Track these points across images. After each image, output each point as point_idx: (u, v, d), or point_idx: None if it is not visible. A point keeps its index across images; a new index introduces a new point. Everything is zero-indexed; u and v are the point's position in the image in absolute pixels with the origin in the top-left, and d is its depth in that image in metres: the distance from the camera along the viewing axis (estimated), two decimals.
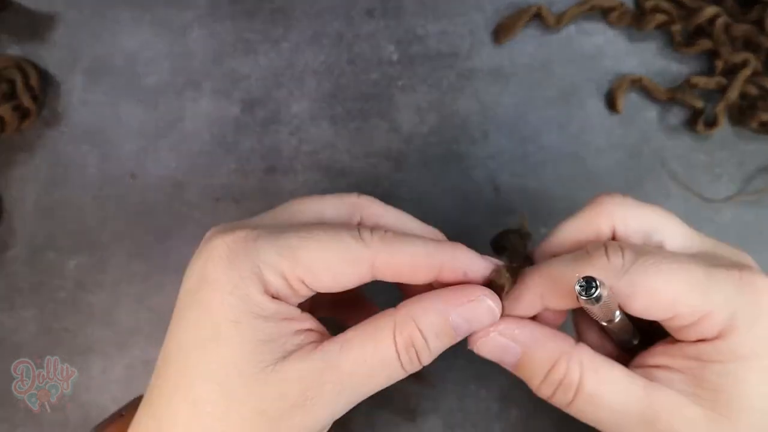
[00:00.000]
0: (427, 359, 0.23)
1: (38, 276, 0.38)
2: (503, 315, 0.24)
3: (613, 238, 0.25)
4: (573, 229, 0.25)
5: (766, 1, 0.39)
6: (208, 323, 0.21)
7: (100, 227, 0.39)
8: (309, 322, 0.23)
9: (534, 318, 0.25)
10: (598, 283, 0.20)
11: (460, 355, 0.36)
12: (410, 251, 0.23)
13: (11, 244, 0.39)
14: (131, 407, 0.25)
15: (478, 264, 0.24)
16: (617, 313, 0.23)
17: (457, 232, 0.38)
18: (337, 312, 0.31)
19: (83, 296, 0.38)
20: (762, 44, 0.39)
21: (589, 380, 0.22)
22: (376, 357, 0.22)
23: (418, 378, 0.28)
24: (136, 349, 0.38)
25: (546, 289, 0.23)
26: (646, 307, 0.22)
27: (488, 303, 0.23)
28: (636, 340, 0.27)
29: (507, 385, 0.36)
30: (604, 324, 0.24)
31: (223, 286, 0.21)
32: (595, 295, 0.20)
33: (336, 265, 0.22)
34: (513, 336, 0.23)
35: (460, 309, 0.23)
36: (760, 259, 0.38)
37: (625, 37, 0.41)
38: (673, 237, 0.25)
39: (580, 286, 0.20)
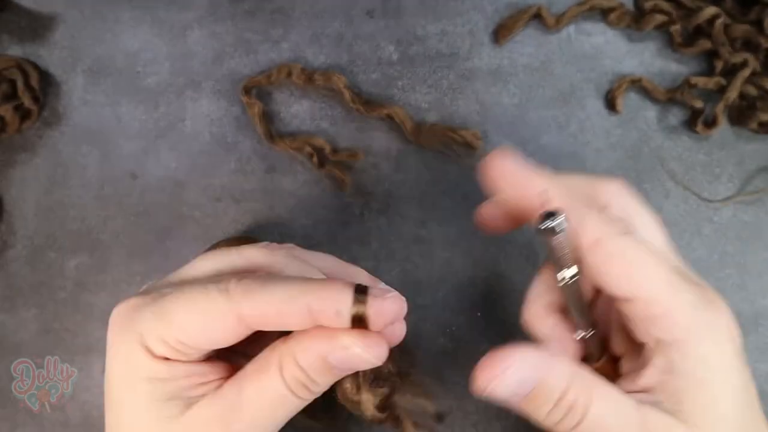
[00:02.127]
0: (318, 391, 0.24)
1: (39, 276, 0.38)
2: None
3: None
4: (575, 183, 0.27)
5: (765, 1, 0.40)
6: (113, 388, 0.24)
7: (101, 227, 0.39)
8: (213, 372, 0.24)
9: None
10: (560, 214, 0.21)
11: (460, 354, 0.36)
12: (271, 299, 0.22)
13: (11, 243, 0.39)
14: None
15: (343, 306, 0.22)
16: (574, 268, 0.24)
17: (457, 232, 0.39)
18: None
19: (83, 296, 0.38)
20: (761, 44, 0.39)
21: (596, 404, 0.22)
22: (270, 393, 0.23)
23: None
24: None
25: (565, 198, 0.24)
26: (620, 275, 0.23)
27: (356, 351, 0.22)
28: (599, 357, 0.27)
29: None
30: (559, 280, 0.24)
31: (116, 354, 0.24)
32: (557, 222, 0.21)
33: (204, 322, 0.22)
34: (533, 365, 0.23)
35: (336, 354, 0.22)
36: (760, 258, 0.38)
37: (624, 38, 0.41)
38: (655, 242, 0.26)
39: (545, 215, 0.21)
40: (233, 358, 0.25)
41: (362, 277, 0.28)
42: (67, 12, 0.42)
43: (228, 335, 0.23)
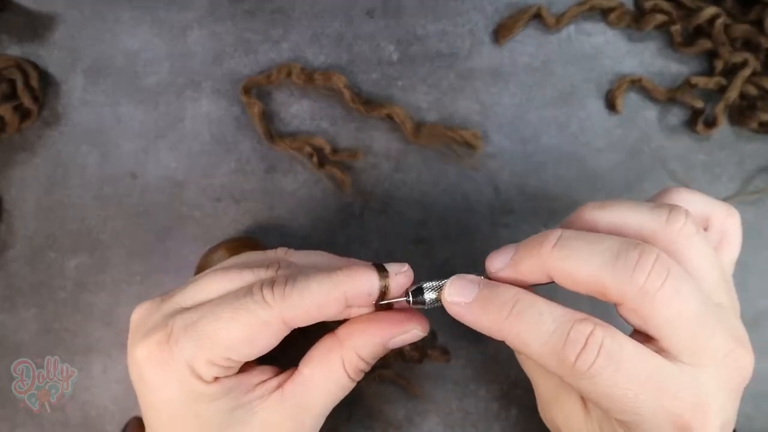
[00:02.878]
0: (370, 368, 0.27)
1: (38, 276, 0.38)
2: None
3: None
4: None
5: (765, 1, 0.40)
6: (171, 420, 0.25)
7: (101, 227, 0.39)
8: (257, 374, 0.26)
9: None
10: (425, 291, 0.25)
11: (460, 355, 0.36)
12: (310, 297, 0.24)
13: (11, 244, 0.39)
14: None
15: (371, 286, 0.25)
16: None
17: (457, 232, 0.38)
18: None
19: (83, 296, 0.38)
20: (761, 44, 0.39)
21: (609, 340, 0.22)
22: (335, 385, 0.26)
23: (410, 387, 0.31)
24: None
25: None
26: (651, 328, 0.22)
27: (417, 332, 0.26)
28: None
29: (507, 385, 0.36)
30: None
31: (163, 388, 0.24)
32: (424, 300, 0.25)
33: (250, 335, 0.24)
34: (475, 280, 0.26)
35: (396, 339, 0.26)
36: (760, 258, 0.38)
37: (624, 38, 0.41)
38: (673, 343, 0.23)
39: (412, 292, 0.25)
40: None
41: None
42: (67, 12, 0.42)
43: (274, 340, 0.25)
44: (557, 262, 0.23)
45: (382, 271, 0.26)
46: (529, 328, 0.22)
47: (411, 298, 0.26)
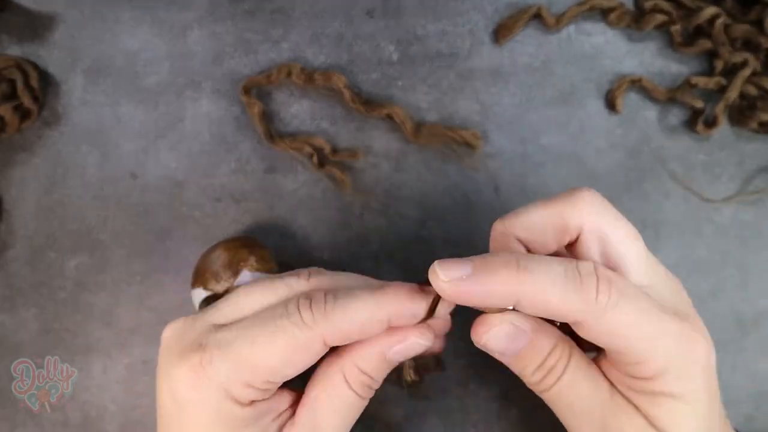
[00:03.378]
0: (378, 385, 0.26)
1: (38, 276, 0.38)
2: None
3: (573, 242, 0.25)
4: (542, 215, 0.24)
5: (765, 1, 0.40)
6: None
7: (101, 227, 0.39)
8: (281, 401, 0.25)
9: None
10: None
11: (460, 355, 0.36)
12: (353, 318, 0.23)
13: (11, 244, 0.39)
14: None
15: (419, 307, 0.25)
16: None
17: (457, 232, 0.38)
18: None
19: (83, 296, 0.38)
20: (761, 44, 0.39)
21: (572, 367, 0.24)
22: (342, 404, 0.25)
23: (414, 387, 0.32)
24: (136, 349, 0.38)
25: (525, 288, 0.22)
26: (604, 342, 0.23)
27: (416, 340, 0.25)
28: None
29: (507, 385, 0.36)
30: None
31: (198, 411, 0.23)
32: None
33: (290, 358, 0.23)
34: (522, 325, 0.24)
35: (396, 348, 0.25)
36: (760, 258, 0.38)
37: (624, 38, 0.41)
38: (633, 262, 0.25)
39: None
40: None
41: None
42: (67, 12, 0.42)
43: (312, 359, 0.24)
44: (526, 288, 0.22)
45: (425, 288, 0.25)
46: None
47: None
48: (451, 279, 0.22)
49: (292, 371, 0.24)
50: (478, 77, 0.41)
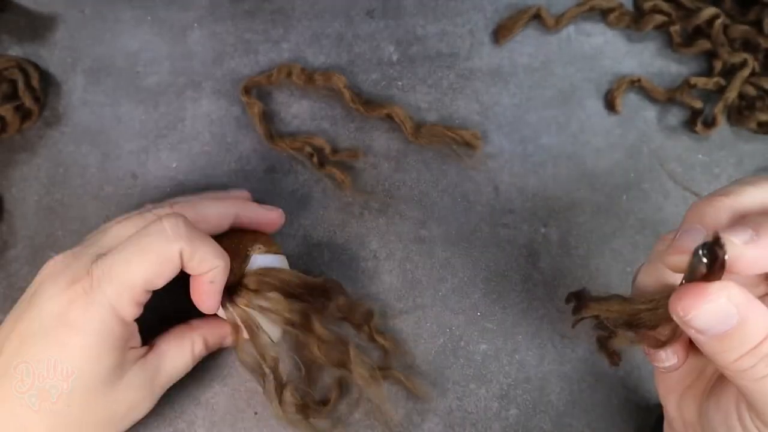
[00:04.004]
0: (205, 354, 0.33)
1: None
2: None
3: None
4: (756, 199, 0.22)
5: (764, 2, 0.40)
6: (67, 359, 0.27)
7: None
8: (135, 335, 0.30)
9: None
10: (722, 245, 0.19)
11: (460, 355, 0.36)
12: (208, 248, 0.29)
13: (12, 243, 0.39)
14: None
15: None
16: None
17: (457, 232, 0.39)
18: None
19: None
20: (760, 45, 0.39)
21: None
22: (182, 364, 0.31)
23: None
24: None
25: None
26: None
27: (225, 338, 0.34)
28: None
29: (507, 385, 0.36)
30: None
31: (85, 329, 0.27)
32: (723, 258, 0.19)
33: (162, 272, 0.28)
34: (738, 303, 0.21)
35: (226, 341, 0.34)
36: None
37: (624, 38, 0.41)
38: None
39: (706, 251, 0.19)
40: None
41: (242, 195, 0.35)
42: (67, 12, 0.42)
43: (175, 270, 0.28)
44: None
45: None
46: None
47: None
48: (745, 242, 0.20)
49: (162, 280, 0.28)
50: (478, 77, 0.41)
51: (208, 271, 0.29)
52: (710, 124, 0.39)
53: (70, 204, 0.39)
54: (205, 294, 0.30)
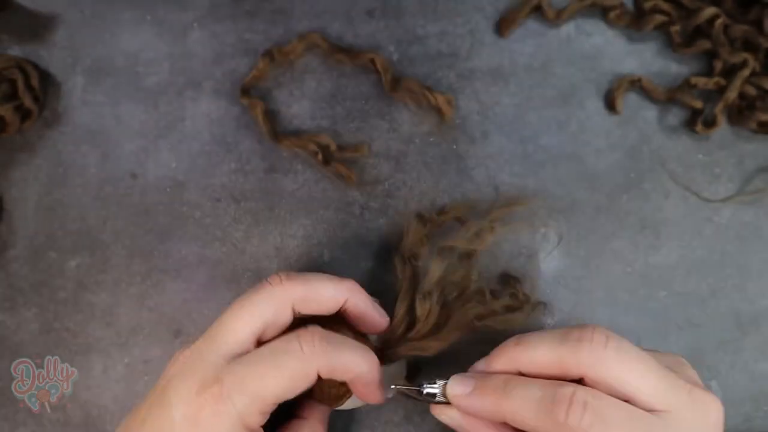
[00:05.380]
0: None
1: (39, 276, 0.39)
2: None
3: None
4: (546, 356, 0.27)
5: (765, 1, 0.40)
6: None
7: (101, 227, 0.39)
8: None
9: None
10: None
11: (459, 354, 0.36)
12: (346, 360, 0.28)
13: (12, 243, 0.39)
14: None
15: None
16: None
17: (456, 232, 0.38)
18: None
19: (84, 296, 0.38)
20: (761, 45, 0.39)
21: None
22: None
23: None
24: (136, 348, 0.38)
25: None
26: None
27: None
28: None
29: None
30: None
31: None
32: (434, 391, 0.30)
33: (292, 385, 0.28)
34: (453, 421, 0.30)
35: None
36: (760, 258, 0.38)
37: (624, 38, 0.41)
38: (644, 395, 0.26)
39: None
40: None
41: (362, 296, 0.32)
42: (67, 12, 0.42)
43: (308, 386, 0.28)
44: (506, 409, 0.26)
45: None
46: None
47: (424, 391, 0.30)
48: (456, 395, 0.29)
49: (292, 395, 0.28)
50: (478, 77, 0.41)
51: (356, 377, 0.29)
52: (710, 124, 0.39)
53: (70, 204, 0.39)
54: (365, 395, 0.30)
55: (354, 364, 0.28)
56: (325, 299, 0.30)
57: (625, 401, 0.25)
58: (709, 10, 0.40)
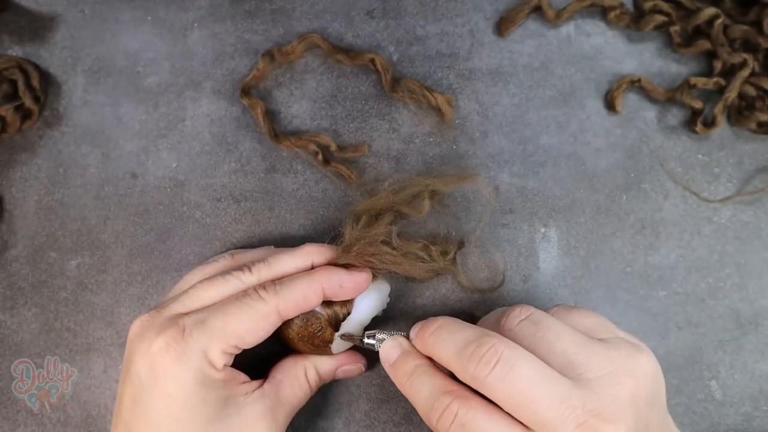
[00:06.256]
0: (322, 383, 0.35)
1: (39, 276, 0.39)
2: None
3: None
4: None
5: (764, 2, 0.40)
6: (175, 408, 0.28)
7: (101, 227, 0.39)
8: (240, 374, 0.31)
9: None
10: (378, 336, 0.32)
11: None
12: (299, 292, 0.31)
13: (12, 243, 0.39)
14: None
15: (348, 280, 0.32)
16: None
17: (457, 232, 0.39)
18: None
19: (84, 296, 0.38)
20: (760, 45, 0.39)
21: (464, 411, 0.27)
22: (300, 392, 0.33)
23: None
24: None
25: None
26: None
27: (360, 367, 0.35)
28: None
29: None
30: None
31: (179, 377, 0.28)
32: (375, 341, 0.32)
33: (254, 327, 0.30)
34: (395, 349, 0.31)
35: (345, 368, 0.35)
36: (759, 258, 0.39)
37: (624, 38, 0.41)
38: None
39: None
40: None
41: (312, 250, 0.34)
42: (67, 12, 0.42)
43: (270, 329, 0.30)
44: (431, 348, 0.29)
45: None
46: (415, 394, 0.29)
47: (365, 339, 0.32)
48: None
49: (254, 339, 0.30)
50: (478, 77, 0.41)
51: (336, 293, 0.31)
52: (710, 124, 0.39)
53: (70, 204, 0.39)
54: (341, 295, 0.32)
55: (309, 291, 0.31)
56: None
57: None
58: (709, 11, 0.40)
